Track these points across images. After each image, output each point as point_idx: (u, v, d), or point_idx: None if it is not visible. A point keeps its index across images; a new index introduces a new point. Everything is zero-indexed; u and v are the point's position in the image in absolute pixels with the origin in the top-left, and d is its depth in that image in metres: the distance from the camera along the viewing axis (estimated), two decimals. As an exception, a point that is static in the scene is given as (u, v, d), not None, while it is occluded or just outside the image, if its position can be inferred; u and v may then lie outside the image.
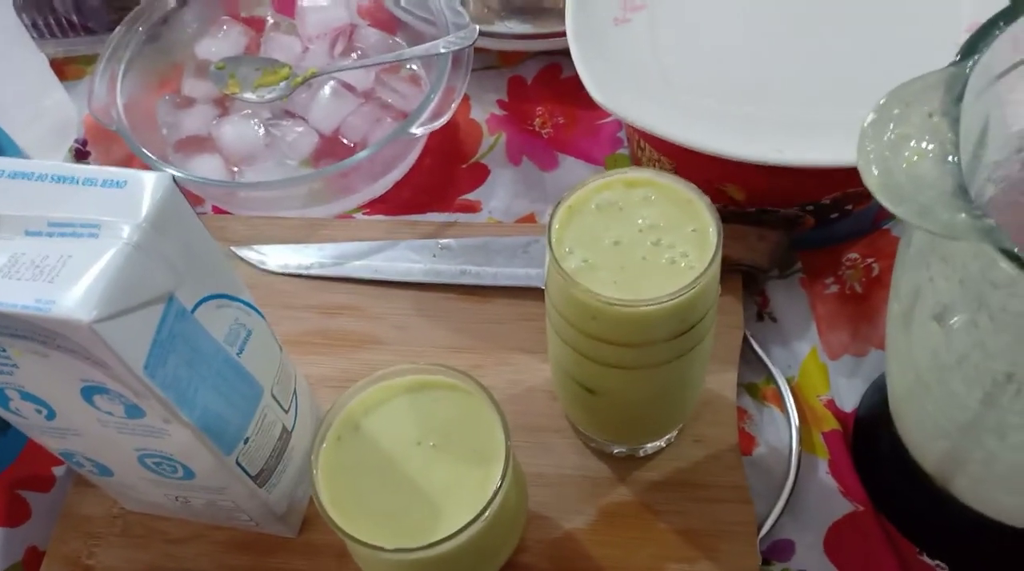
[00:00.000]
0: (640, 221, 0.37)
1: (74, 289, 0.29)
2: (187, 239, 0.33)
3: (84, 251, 0.30)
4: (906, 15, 0.49)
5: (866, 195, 0.51)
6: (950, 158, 0.27)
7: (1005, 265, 0.26)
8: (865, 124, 0.29)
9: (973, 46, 0.30)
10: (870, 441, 0.47)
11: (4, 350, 0.32)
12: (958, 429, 0.34)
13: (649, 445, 0.46)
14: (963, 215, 0.26)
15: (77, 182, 0.32)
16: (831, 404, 0.49)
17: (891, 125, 0.28)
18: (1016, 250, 0.26)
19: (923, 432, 0.38)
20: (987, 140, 0.34)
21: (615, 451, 0.47)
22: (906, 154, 0.28)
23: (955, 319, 0.31)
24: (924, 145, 0.28)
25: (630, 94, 0.49)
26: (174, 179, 0.32)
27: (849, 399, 0.49)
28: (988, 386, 0.31)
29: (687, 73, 0.50)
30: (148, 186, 0.32)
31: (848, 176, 0.49)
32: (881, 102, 0.29)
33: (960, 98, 0.28)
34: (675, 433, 0.47)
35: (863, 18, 0.50)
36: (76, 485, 0.48)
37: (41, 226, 0.31)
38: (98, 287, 0.29)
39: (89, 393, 0.34)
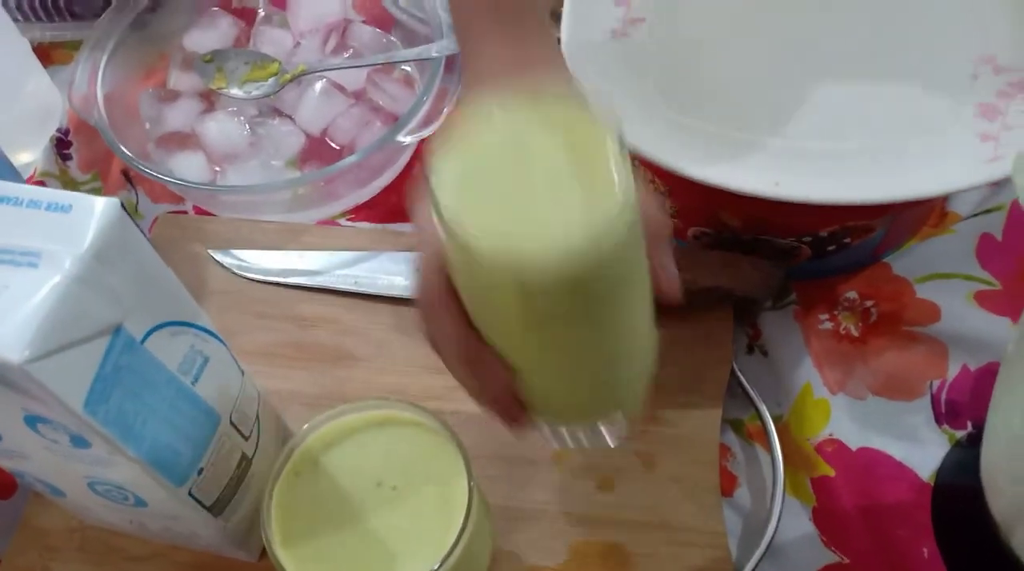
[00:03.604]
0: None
1: (7, 326, 0.27)
2: (137, 266, 0.32)
3: (21, 282, 0.28)
4: (913, 47, 0.47)
5: (865, 229, 0.49)
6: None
7: None
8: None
9: None
10: (954, 513, 0.44)
11: (-58, 377, 0.31)
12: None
13: (616, 426, 0.39)
14: None
15: (21, 204, 0.30)
16: (826, 444, 0.46)
17: None
18: None
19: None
20: None
21: (584, 442, 0.39)
22: None
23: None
24: None
25: (623, 112, 0.47)
26: (123, 205, 0.31)
27: (853, 437, 0.46)
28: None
29: (684, 93, 0.47)
30: (95, 212, 0.30)
31: (848, 211, 0.46)
32: None
33: None
34: (638, 408, 0.39)
35: (869, 48, 0.47)
36: (35, 495, 0.47)
37: (-21, 252, 0.29)
38: (32, 324, 0.28)
39: (33, 422, 0.32)
